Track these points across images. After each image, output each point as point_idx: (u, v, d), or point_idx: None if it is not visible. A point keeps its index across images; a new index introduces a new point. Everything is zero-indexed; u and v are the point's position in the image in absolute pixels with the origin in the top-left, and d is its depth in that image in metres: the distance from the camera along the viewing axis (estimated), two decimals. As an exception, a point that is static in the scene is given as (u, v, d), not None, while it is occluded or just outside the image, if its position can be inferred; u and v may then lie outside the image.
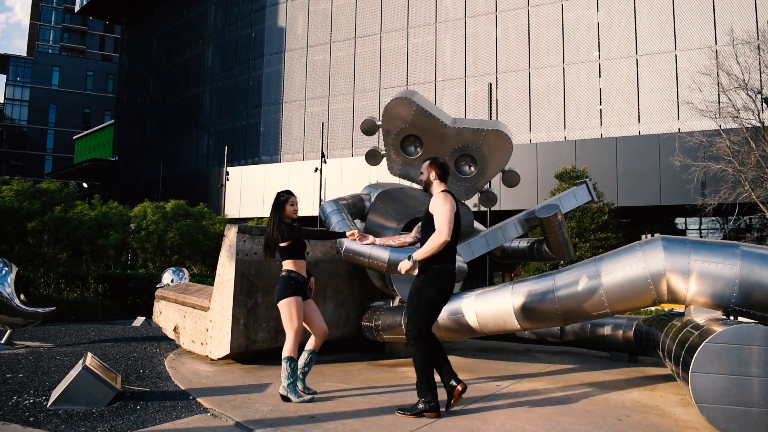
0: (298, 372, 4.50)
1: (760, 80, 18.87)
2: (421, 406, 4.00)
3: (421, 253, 4.09)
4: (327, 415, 4.01)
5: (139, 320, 10.60)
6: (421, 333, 4.10)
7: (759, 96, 17.75)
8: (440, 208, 4.13)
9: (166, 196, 29.30)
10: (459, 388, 4.11)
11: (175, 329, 6.72)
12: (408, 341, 4.21)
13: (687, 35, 24.16)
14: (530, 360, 6.60)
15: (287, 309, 4.45)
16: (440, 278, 4.15)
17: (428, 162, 4.38)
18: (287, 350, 4.40)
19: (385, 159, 7.11)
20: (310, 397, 4.41)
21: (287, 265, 4.61)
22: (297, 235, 4.62)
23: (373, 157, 7.38)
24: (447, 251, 4.16)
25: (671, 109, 23.89)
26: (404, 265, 4.14)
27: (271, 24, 36.16)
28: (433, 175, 4.33)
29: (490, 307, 5.28)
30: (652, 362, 6.45)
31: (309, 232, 4.77)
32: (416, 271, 4.19)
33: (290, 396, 4.34)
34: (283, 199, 4.70)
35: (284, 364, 4.39)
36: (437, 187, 4.33)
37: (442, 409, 4.09)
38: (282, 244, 4.61)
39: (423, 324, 4.12)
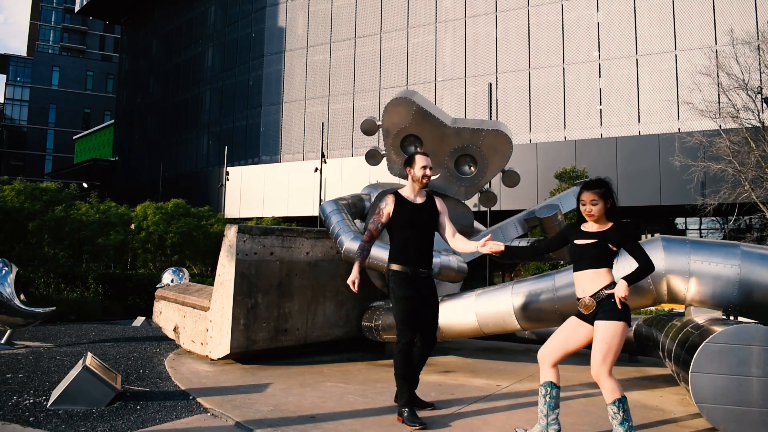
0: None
1: (760, 80, 18.87)
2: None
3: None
4: (327, 415, 4.01)
5: (139, 320, 10.60)
6: None
7: (759, 96, 17.74)
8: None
9: (166, 196, 29.29)
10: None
11: (175, 329, 6.72)
12: None
13: (687, 35, 24.16)
14: (530, 360, 6.59)
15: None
16: None
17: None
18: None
19: (385, 159, 7.10)
20: None
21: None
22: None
23: (373, 157, 7.38)
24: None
25: (671, 109, 23.89)
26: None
27: (271, 24, 36.15)
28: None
29: (490, 307, 5.28)
30: (652, 362, 6.45)
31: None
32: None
33: None
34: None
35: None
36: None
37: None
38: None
39: None
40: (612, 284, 3.38)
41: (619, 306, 3.31)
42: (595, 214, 3.48)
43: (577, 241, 3.53)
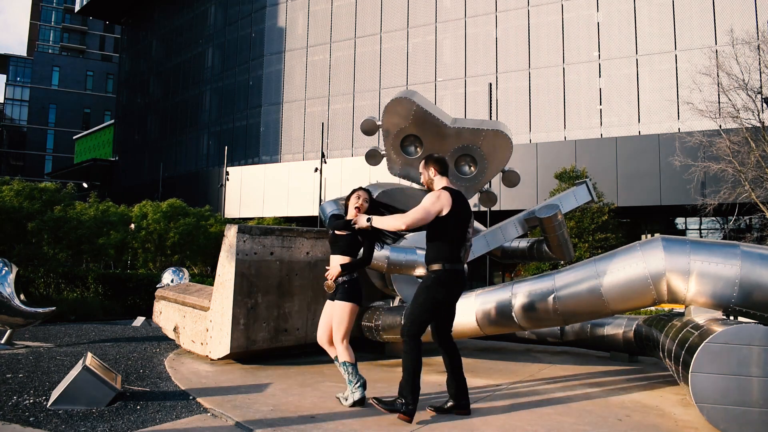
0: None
1: (760, 80, 18.87)
2: (398, 403, 3.91)
3: (378, 222, 4.10)
4: (327, 415, 4.01)
5: (139, 320, 10.59)
6: (418, 332, 4.03)
7: (759, 96, 17.75)
8: (425, 201, 4.00)
9: (166, 196, 29.31)
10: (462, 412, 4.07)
11: (175, 329, 6.72)
12: (403, 338, 4.06)
13: (687, 35, 24.17)
14: (530, 360, 6.59)
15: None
16: (449, 279, 4.06)
17: (423, 161, 4.27)
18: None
19: (385, 159, 7.11)
20: None
21: None
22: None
23: (373, 157, 7.38)
24: (452, 250, 4.05)
25: (671, 109, 23.90)
26: (361, 220, 4.14)
27: (271, 24, 36.17)
28: (432, 171, 4.19)
29: (489, 307, 5.28)
30: (652, 362, 6.45)
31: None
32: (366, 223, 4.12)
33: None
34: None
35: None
36: (438, 182, 4.18)
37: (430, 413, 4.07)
38: None
39: (420, 324, 4.05)
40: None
41: (332, 285, 4.25)
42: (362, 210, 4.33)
43: (337, 232, 4.32)
